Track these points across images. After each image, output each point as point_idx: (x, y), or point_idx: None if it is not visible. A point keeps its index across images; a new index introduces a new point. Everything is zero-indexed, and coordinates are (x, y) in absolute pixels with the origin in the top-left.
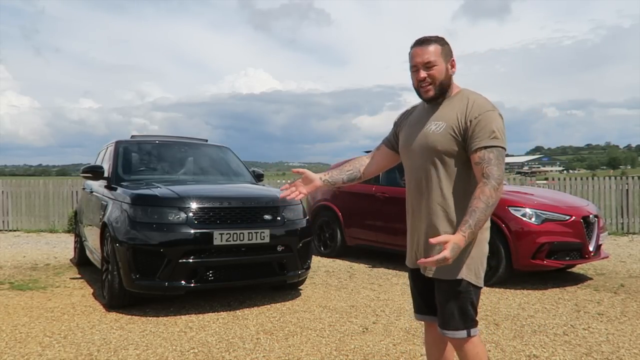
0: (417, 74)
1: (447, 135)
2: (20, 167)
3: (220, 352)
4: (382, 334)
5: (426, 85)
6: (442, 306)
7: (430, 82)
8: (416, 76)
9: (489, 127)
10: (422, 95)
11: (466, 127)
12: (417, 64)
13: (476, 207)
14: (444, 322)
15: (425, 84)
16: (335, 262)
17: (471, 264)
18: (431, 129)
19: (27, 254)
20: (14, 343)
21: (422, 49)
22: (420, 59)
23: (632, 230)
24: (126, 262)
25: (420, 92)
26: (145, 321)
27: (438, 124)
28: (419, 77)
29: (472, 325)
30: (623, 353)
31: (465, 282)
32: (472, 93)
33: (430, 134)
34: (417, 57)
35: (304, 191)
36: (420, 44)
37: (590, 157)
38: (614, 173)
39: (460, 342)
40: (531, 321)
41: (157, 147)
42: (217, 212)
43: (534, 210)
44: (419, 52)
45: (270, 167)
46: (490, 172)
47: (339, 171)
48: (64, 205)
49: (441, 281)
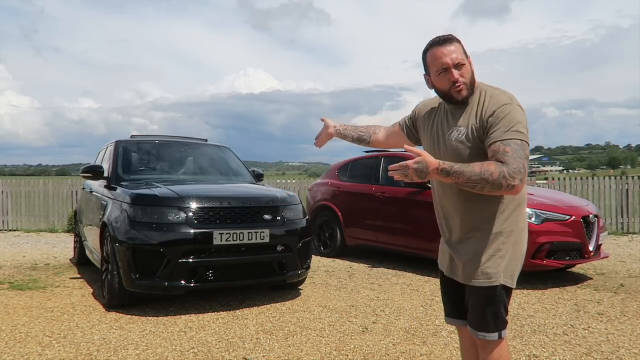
0: (450, 75)
1: (470, 141)
2: (20, 167)
3: (220, 352)
4: (382, 334)
5: (460, 85)
6: (476, 310)
7: (464, 81)
8: (449, 77)
9: (505, 122)
10: (454, 97)
11: (485, 126)
12: (447, 65)
13: (472, 166)
14: (477, 324)
15: (459, 84)
16: (335, 262)
17: (509, 267)
18: (454, 136)
19: (27, 254)
20: (14, 343)
21: (446, 49)
22: (449, 59)
23: (632, 230)
24: (126, 262)
25: (452, 93)
26: (145, 321)
27: (460, 130)
28: (454, 77)
29: (504, 327)
30: (623, 353)
31: (500, 286)
32: (487, 87)
33: (454, 142)
34: (445, 58)
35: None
36: (442, 43)
37: (590, 157)
38: (614, 173)
39: (490, 344)
40: (531, 321)
41: (157, 147)
42: (217, 212)
43: (534, 210)
44: (445, 53)
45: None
46: (507, 161)
47: (354, 128)
48: (64, 205)
49: (475, 287)
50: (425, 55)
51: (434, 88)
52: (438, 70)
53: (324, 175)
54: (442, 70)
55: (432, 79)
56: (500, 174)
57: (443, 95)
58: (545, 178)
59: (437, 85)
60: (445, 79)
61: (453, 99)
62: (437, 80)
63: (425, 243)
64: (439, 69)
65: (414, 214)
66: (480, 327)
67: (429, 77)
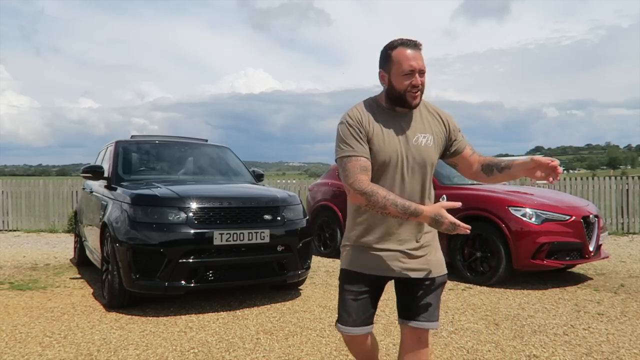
0: (414, 79)
1: (436, 147)
2: (20, 167)
3: (220, 352)
4: (382, 334)
5: (418, 92)
6: (432, 301)
7: (421, 89)
8: (411, 80)
9: (457, 126)
10: (408, 101)
11: (447, 133)
12: (414, 68)
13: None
14: (431, 314)
15: (416, 90)
16: (335, 262)
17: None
18: (422, 142)
19: (27, 254)
20: (14, 343)
21: (417, 53)
22: (416, 64)
23: (632, 230)
24: (126, 262)
25: (407, 97)
26: (145, 321)
27: (426, 137)
28: (417, 82)
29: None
30: (623, 353)
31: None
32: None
33: (423, 147)
34: (413, 61)
35: None
36: (413, 47)
37: (590, 157)
38: (614, 173)
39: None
40: (531, 321)
41: (157, 147)
42: (217, 212)
43: (534, 210)
44: (415, 56)
45: (270, 167)
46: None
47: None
48: (64, 205)
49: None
50: (390, 52)
51: (388, 86)
52: (404, 71)
53: (324, 175)
54: (409, 72)
55: (391, 77)
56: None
57: (396, 96)
58: None
59: (396, 84)
60: (407, 81)
61: (406, 103)
62: (398, 79)
63: None
64: (406, 70)
65: None
66: (433, 316)
67: (387, 74)
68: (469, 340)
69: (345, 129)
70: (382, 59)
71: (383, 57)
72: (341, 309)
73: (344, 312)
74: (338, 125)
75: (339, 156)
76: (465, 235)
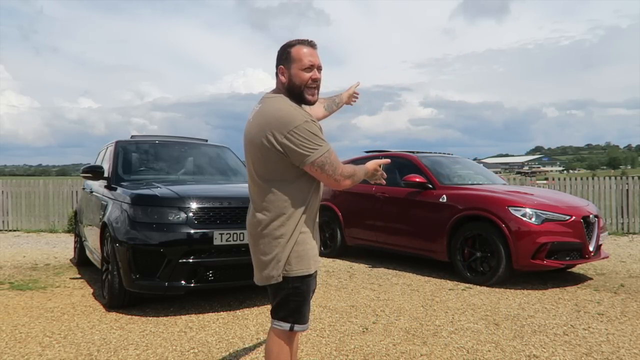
0: (313, 74)
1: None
2: (20, 167)
3: (220, 352)
4: (382, 334)
5: (316, 88)
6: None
7: (318, 85)
8: (311, 75)
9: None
10: (306, 97)
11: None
12: (314, 63)
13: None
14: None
15: (314, 85)
16: (335, 262)
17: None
18: None
19: (27, 254)
20: (14, 343)
21: (315, 51)
22: (315, 60)
23: (632, 230)
24: (126, 262)
25: (306, 93)
26: (145, 321)
27: None
28: (316, 76)
29: None
30: (623, 353)
31: None
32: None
33: None
34: (313, 58)
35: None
36: (311, 45)
37: (590, 157)
38: (614, 173)
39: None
40: (531, 321)
41: (157, 147)
42: (217, 212)
43: (534, 210)
44: (314, 54)
45: None
46: None
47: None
48: (64, 205)
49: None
50: (289, 49)
51: (288, 82)
52: (304, 65)
53: None
54: (309, 67)
55: (292, 72)
56: None
57: (296, 92)
58: (545, 178)
59: (296, 78)
60: (306, 75)
61: (305, 99)
62: (298, 74)
63: (425, 243)
64: (307, 65)
65: (414, 214)
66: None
67: (287, 70)
68: (469, 340)
69: (313, 125)
70: (282, 56)
71: (283, 55)
72: (304, 311)
73: (306, 313)
74: (302, 125)
75: (324, 151)
76: (465, 235)
